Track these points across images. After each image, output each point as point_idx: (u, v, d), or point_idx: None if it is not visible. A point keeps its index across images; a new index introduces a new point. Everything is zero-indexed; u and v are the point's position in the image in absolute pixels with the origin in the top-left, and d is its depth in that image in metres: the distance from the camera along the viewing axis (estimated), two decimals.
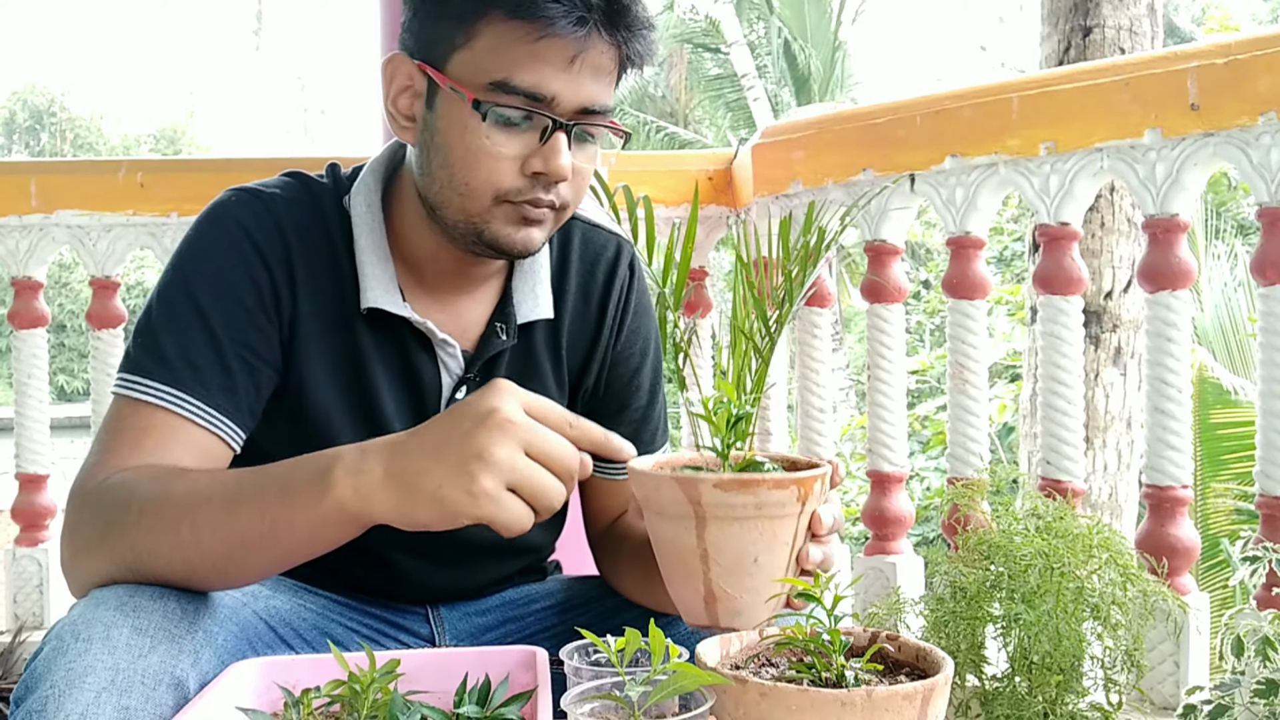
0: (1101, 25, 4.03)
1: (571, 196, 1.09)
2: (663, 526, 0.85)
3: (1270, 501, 1.62)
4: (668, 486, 0.82)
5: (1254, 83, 1.62)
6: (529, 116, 1.03)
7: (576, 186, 1.09)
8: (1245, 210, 9.78)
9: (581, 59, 1.02)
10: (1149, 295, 1.76)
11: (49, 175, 2.39)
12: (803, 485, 0.82)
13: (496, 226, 1.07)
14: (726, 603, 0.84)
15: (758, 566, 0.83)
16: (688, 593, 0.85)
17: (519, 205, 1.06)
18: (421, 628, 1.26)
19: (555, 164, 1.04)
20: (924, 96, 2.05)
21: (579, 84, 1.03)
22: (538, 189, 1.05)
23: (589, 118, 1.06)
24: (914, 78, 27.38)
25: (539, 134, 1.04)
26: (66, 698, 0.81)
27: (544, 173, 1.04)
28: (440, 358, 1.16)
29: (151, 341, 1.06)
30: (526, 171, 1.05)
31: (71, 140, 27.09)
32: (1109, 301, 4.03)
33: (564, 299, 1.24)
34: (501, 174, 1.04)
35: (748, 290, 0.94)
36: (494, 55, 1.02)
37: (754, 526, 0.82)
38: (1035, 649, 1.35)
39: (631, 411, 1.29)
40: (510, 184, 1.05)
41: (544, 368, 1.23)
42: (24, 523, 2.38)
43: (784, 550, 0.84)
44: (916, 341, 12.07)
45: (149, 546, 0.92)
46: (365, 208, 1.15)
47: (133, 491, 0.94)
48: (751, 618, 0.84)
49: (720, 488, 0.80)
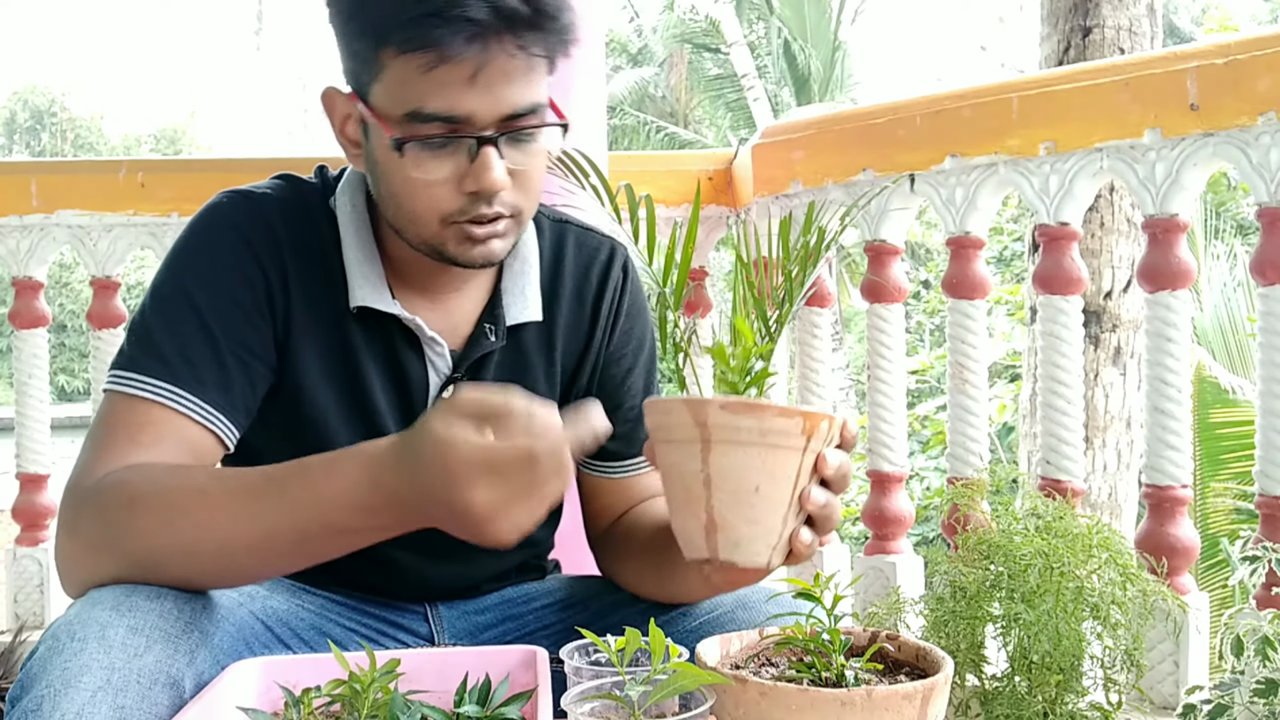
0: (1101, 25, 4.03)
1: (523, 201, 1.07)
2: (671, 453, 0.85)
3: (1269, 501, 1.62)
4: (677, 409, 0.83)
5: (1253, 83, 1.62)
6: (449, 141, 1.02)
7: (524, 188, 1.07)
8: (1245, 210, 9.78)
9: (484, 73, 0.99)
10: (1148, 295, 1.76)
11: (50, 175, 2.39)
12: (809, 419, 0.82)
13: (452, 248, 1.07)
14: (726, 532, 0.83)
15: (759, 496, 0.83)
16: (690, 521, 0.85)
17: (463, 225, 1.05)
18: (420, 626, 1.26)
19: (488, 179, 1.02)
20: (924, 96, 2.05)
21: (492, 96, 1.00)
22: (480, 205, 1.04)
23: (514, 123, 1.03)
24: (914, 78, 27.37)
25: (467, 153, 1.02)
26: (62, 697, 0.81)
27: (478, 190, 1.03)
28: (428, 356, 1.16)
29: (147, 339, 1.05)
30: (463, 190, 1.03)
31: (72, 140, 27.10)
32: (1109, 301, 4.03)
33: (557, 301, 1.24)
34: (439, 199, 1.04)
35: (748, 290, 0.94)
36: (401, 88, 1.01)
37: (757, 454, 0.82)
38: (1035, 648, 1.35)
39: (625, 411, 1.29)
40: (450, 206, 1.04)
41: (535, 370, 1.22)
42: (24, 522, 2.38)
43: (786, 484, 0.83)
44: (916, 341, 12.07)
45: (163, 550, 0.92)
46: (350, 207, 1.15)
47: (138, 491, 0.94)
48: (749, 552, 0.84)
49: (726, 409, 0.81)
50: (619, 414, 1.28)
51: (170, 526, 0.92)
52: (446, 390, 1.17)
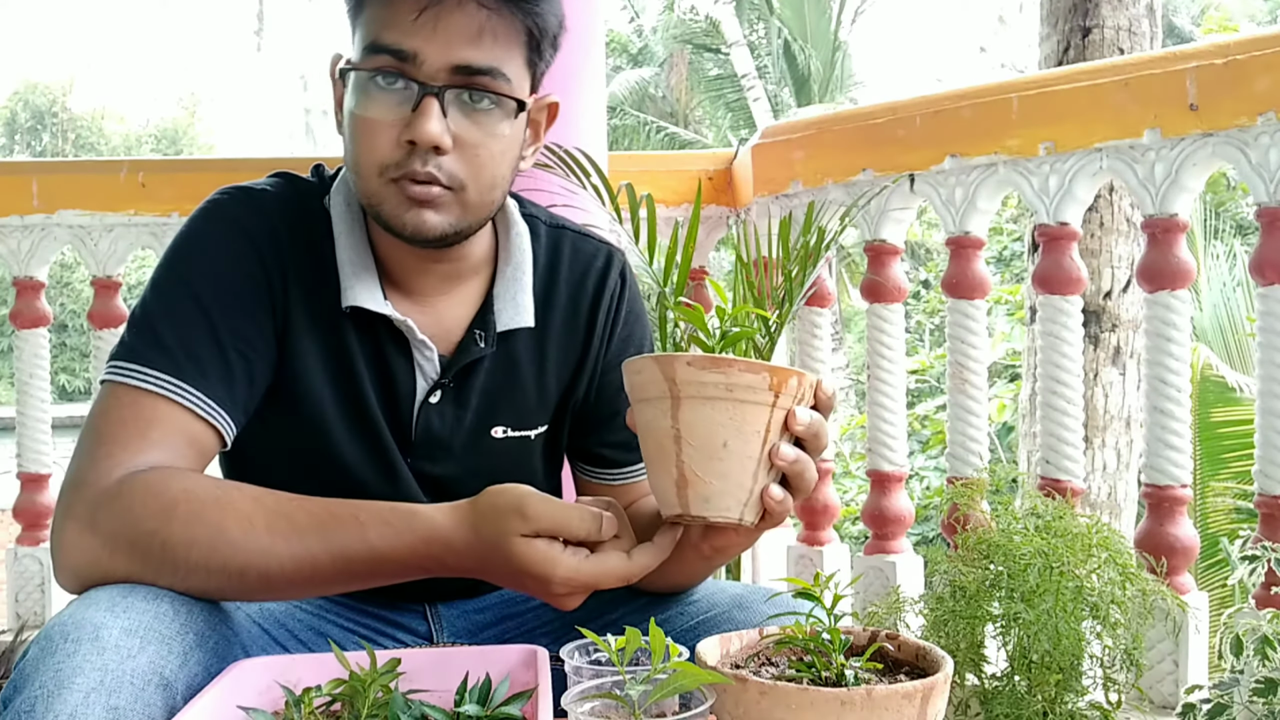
0: (1101, 26, 4.03)
1: (465, 174, 1.04)
2: (644, 411, 0.88)
3: (1269, 500, 1.62)
4: (648, 367, 0.85)
5: (1252, 83, 1.62)
6: (399, 82, 1.01)
7: (469, 162, 1.04)
8: (1244, 210, 9.78)
9: (435, 14, 1.00)
10: (1148, 295, 1.77)
11: (51, 175, 2.40)
12: (776, 374, 0.84)
13: (389, 209, 1.05)
14: (697, 487, 0.85)
15: (727, 451, 0.84)
16: (663, 478, 0.87)
17: (400, 183, 1.03)
18: (419, 625, 1.26)
19: (423, 129, 1.00)
20: (924, 97, 2.05)
21: (440, 40, 1.00)
22: (414, 160, 1.02)
23: (463, 78, 1.02)
24: (914, 78, 27.38)
25: (411, 104, 1.02)
26: (55, 698, 0.80)
27: (414, 140, 1.01)
28: (416, 359, 1.15)
29: (149, 330, 1.05)
30: (401, 142, 1.02)
31: (73, 140, 27.10)
32: (1108, 301, 4.03)
33: (552, 308, 1.22)
34: (379, 146, 1.03)
35: (748, 290, 0.95)
36: (367, 24, 1.03)
37: (724, 409, 0.83)
38: (1035, 648, 1.35)
39: (623, 419, 1.28)
40: (387, 156, 1.03)
41: (524, 378, 1.21)
42: (25, 522, 2.39)
43: (755, 439, 0.85)
44: (916, 341, 12.07)
45: (199, 568, 0.92)
46: (344, 206, 1.14)
47: (174, 504, 0.93)
48: (720, 506, 0.86)
49: (693, 365, 0.83)
50: (615, 422, 1.27)
51: (208, 543, 0.92)
52: (433, 396, 1.16)
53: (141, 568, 0.92)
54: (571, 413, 1.26)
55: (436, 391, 1.16)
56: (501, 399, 1.19)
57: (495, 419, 1.20)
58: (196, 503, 0.93)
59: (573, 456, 1.31)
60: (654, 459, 0.88)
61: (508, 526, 0.90)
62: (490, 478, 1.16)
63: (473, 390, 1.18)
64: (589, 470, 1.30)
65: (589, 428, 1.27)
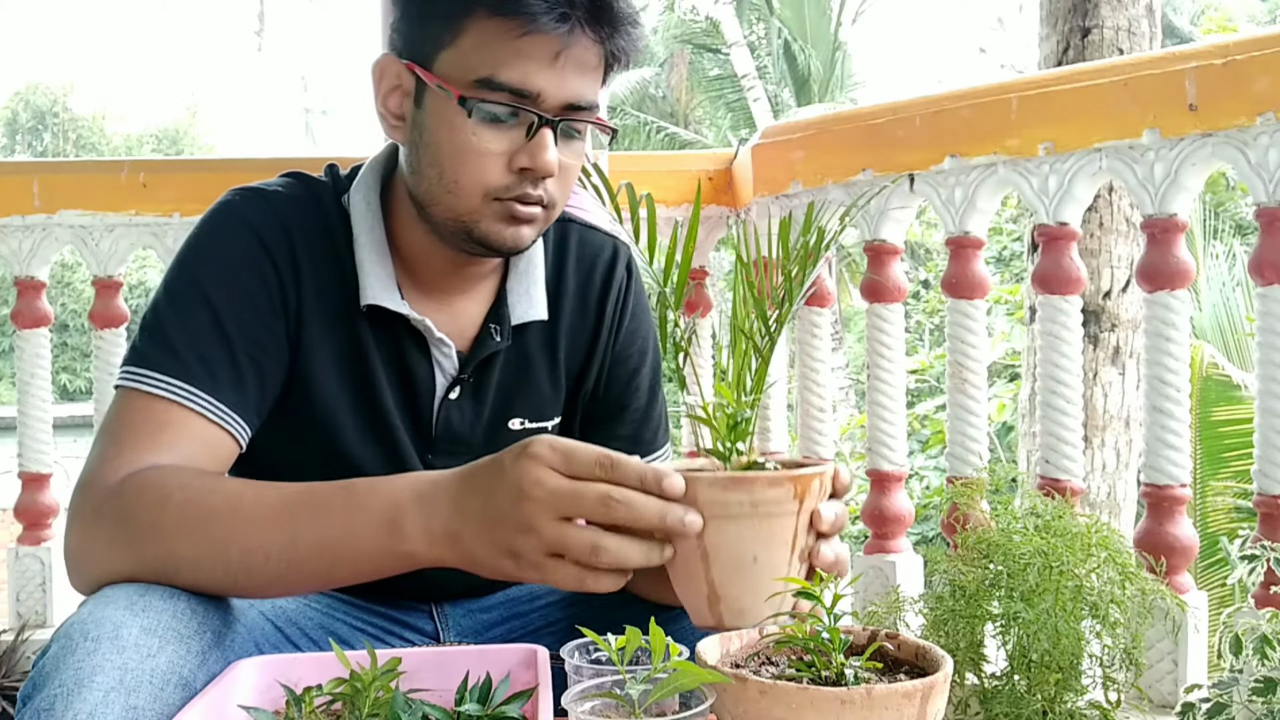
0: (1100, 26, 4.03)
1: (558, 194, 1.09)
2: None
3: (1268, 500, 1.63)
4: None
5: (1252, 83, 1.62)
6: (515, 113, 1.04)
7: (563, 184, 1.09)
8: (1243, 210, 9.78)
9: (565, 55, 1.02)
10: (1147, 295, 1.77)
11: (52, 175, 2.40)
12: (799, 483, 0.83)
13: (486, 225, 1.07)
14: (730, 602, 0.84)
15: (757, 566, 0.83)
16: (692, 594, 0.86)
17: (507, 203, 1.06)
18: (425, 625, 1.26)
19: (542, 159, 1.04)
20: (923, 97, 2.05)
21: (564, 80, 1.03)
22: (525, 185, 1.06)
23: (575, 114, 1.06)
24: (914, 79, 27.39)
25: (525, 130, 1.04)
26: (75, 697, 0.81)
27: (531, 168, 1.04)
28: (435, 357, 1.16)
29: (161, 335, 1.05)
30: (513, 168, 1.05)
31: (74, 140, 27.11)
32: (1107, 301, 4.03)
33: (561, 301, 1.24)
34: (489, 171, 1.05)
35: (748, 290, 0.95)
36: (479, 53, 1.03)
37: (750, 525, 0.82)
38: (1034, 647, 1.35)
39: (631, 412, 1.29)
40: (498, 181, 1.05)
41: (538, 370, 1.22)
42: (27, 521, 2.39)
43: (783, 549, 0.84)
44: (916, 341, 12.08)
45: (188, 557, 0.92)
46: (364, 206, 1.15)
47: (168, 496, 0.94)
48: (754, 616, 0.85)
49: (715, 486, 0.82)
50: (624, 415, 1.29)
51: (198, 532, 0.92)
52: (453, 391, 1.17)
53: (138, 564, 0.93)
54: (581, 405, 1.27)
55: (456, 387, 1.17)
56: (517, 392, 1.21)
57: (511, 411, 1.22)
58: (191, 495, 0.93)
59: None
60: (680, 574, 0.86)
61: (510, 450, 0.86)
62: None
63: (490, 384, 1.19)
64: None
65: (597, 421, 1.28)
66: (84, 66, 43.10)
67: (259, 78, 43.74)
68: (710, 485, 0.81)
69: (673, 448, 1.39)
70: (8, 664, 2.16)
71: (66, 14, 51.62)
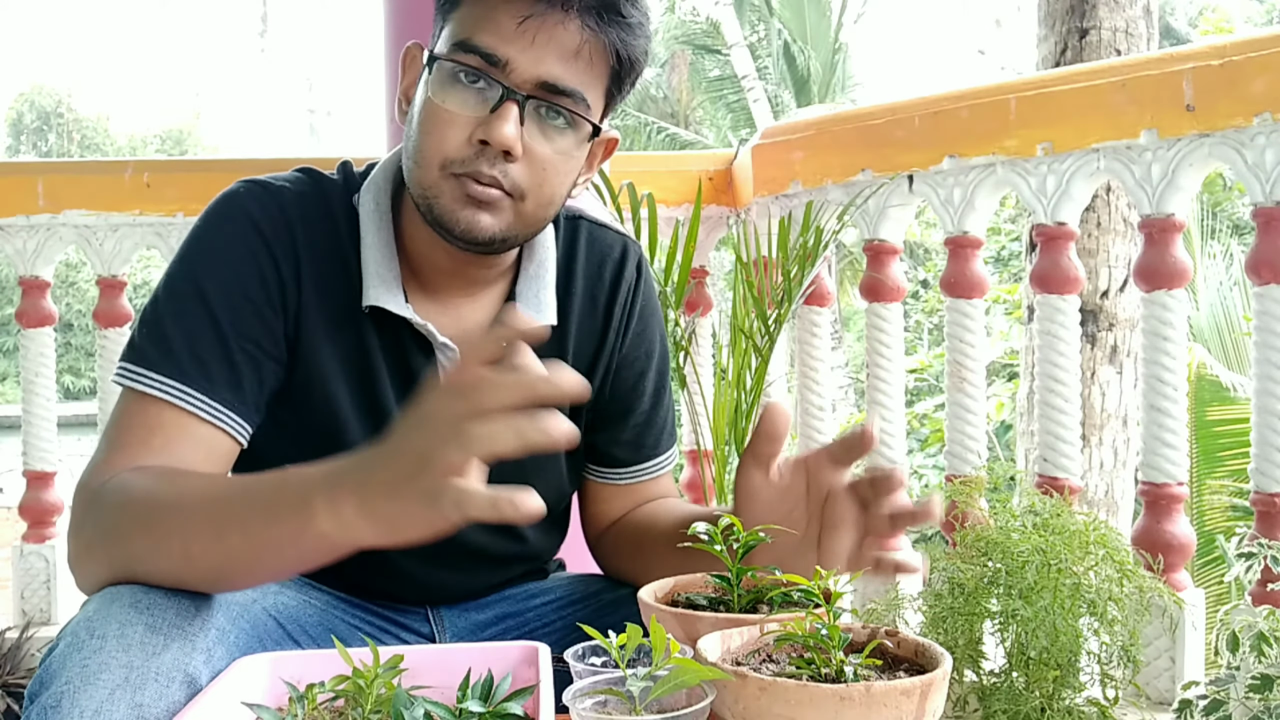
0: (1098, 27, 4.03)
1: (529, 184, 1.04)
2: None
3: (1265, 498, 1.63)
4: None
5: (1249, 84, 1.63)
6: (481, 81, 1.02)
7: (533, 173, 1.04)
8: (1240, 210, 9.79)
9: (535, 25, 1.00)
10: (1145, 294, 1.78)
11: (56, 175, 2.40)
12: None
13: (443, 202, 1.04)
14: None
15: None
16: None
17: (462, 179, 1.03)
18: (422, 626, 1.26)
19: (498, 131, 1.00)
20: (922, 98, 2.06)
21: (537, 54, 1.01)
22: (481, 161, 1.02)
23: (550, 95, 1.03)
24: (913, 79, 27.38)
25: (491, 105, 1.02)
26: (81, 694, 0.81)
27: (487, 140, 1.01)
28: (440, 361, 1.14)
29: (158, 332, 1.05)
30: (473, 140, 1.02)
31: (78, 141, 27.10)
32: (1105, 300, 4.04)
33: (570, 302, 1.22)
34: (448, 140, 1.02)
35: (747, 289, 0.95)
36: (462, 20, 1.03)
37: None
38: (1032, 644, 1.36)
39: (635, 416, 1.28)
40: (454, 152, 1.02)
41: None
42: (31, 519, 2.40)
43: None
44: (915, 340, 12.08)
45: (141, 555, 0.92)
46: (373, 205, 1.14)
47: (129, 497, 0.94)
48: None
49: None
50: (629, 419, 1.28)
51: (148, 530, 0.91)
52: None
53: (109, 566, 0.93)
54: (586, 408, 1.25)
55: None
56: None
57: None
58: (147, 495, 0.93)
59: (583, 458, 1.31)
60: None
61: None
62: (514, 476, 1.15)
63: None
64: (597, 471, 1.30)
65: (601, 424, 1.27)
66: (89, 68, 43.17)
67: (263, 79, 43.74)
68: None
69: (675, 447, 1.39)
70: (12, 661, 2.16)
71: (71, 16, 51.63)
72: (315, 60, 48.19)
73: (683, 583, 1.00)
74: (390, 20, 2.31)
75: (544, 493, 1.34)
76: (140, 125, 31.20)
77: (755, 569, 0.95)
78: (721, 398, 2.12)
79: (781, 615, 0.83)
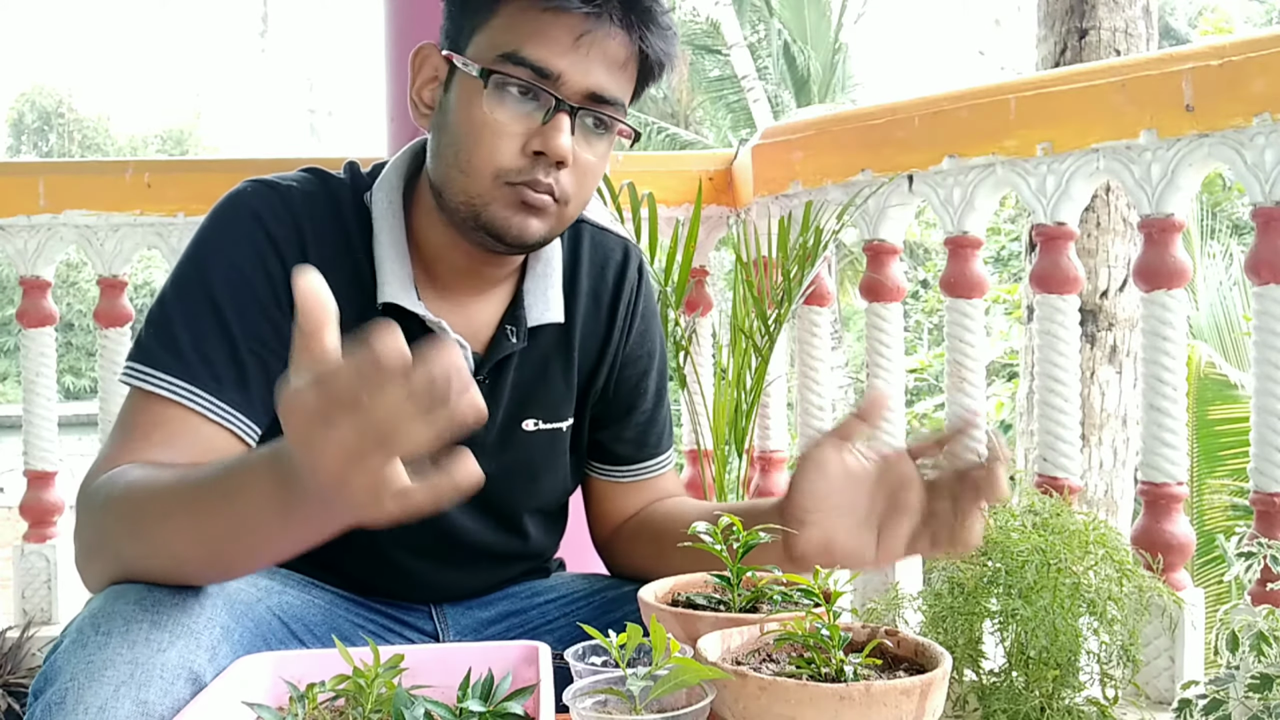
0: (1097, 27, 4.04)
1: (574, 190, 1.07)
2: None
3: (1265, 498, 1.63)
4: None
5: (1248, 84, 1.63)
6: (532, 93, 1.03)
7: (580, 180, 1.08)
8: (1240, 210, 9.79)
9: (589, 40, 1.02)
10: (1144, 294, 1.78)
11: (57, 176, 2.40)
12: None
13: (495, 209, 1.06)
14: None
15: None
16: None
17: (517, 187, 1.04)
18: (425, 624, 1.27)
19: (555, 143, 1.02)
20: (922, 98, 2.06)
21: (587, 66, 1.03)
22: (537, 170, 1.04)
23: (597, 105, 1.05)
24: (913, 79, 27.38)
25: (543, 115, 1.04)
26: (86, 690, 0.81)
27: (544, 152, 1.03)
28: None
29: (165, 332, 1.05)
30: (527, 151, 1.04)
31: (79, 141, 27.10)
32: (1105, 300, 4.04)
33: (575, 302, 1.23)
34: (502, 151, 1.04)
35: (747, 289, 0.95)
36: (506, 30, 1.03)
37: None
38: (1032, 644, 1.36)
39: (638, 414, 1.30)
40: (510, 162, 1.04)
41: (553, 371, 1.22)
42: (32, 519, 2.40)
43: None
44: (915, 340, 12.08)
45: (134, 556, 0.92)
46: (386, 204, 1.14)
47: (111, 494, 0.94)
48: None
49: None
50: (631, 418, 1.29)
51: (130, 530, 0.91)
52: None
53: (102, 565, 0.94)
54: (589, 406, 1.27)
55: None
56: (532, 393, 1.21)
57: (526, 413, 1.21)
58: (133, 492, 0.93)
59: (586, 456, 1.32)
60: None
61: None
62: (521, 471, 1.15)
63: (505, 386, 1.19)
64: (601, 469, 1.31)
65: (605, 422, 1.29)
66: (89, 68, 43.18)
67: (264, 79, 43.76)
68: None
69: (675, 447, 1.40)
70: (13, 661, 2.17)
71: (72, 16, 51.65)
72: (316, 60, 48.21)
73: (683, 583, 1.00)
74: (391, 20, 2.31)
75: (548, 489, 1.33)
76: (141, 125, 31.27)
77: (755, 569, 0.95)
78: (721, 398, 2.13)
79: (781, 615, 0.83)
